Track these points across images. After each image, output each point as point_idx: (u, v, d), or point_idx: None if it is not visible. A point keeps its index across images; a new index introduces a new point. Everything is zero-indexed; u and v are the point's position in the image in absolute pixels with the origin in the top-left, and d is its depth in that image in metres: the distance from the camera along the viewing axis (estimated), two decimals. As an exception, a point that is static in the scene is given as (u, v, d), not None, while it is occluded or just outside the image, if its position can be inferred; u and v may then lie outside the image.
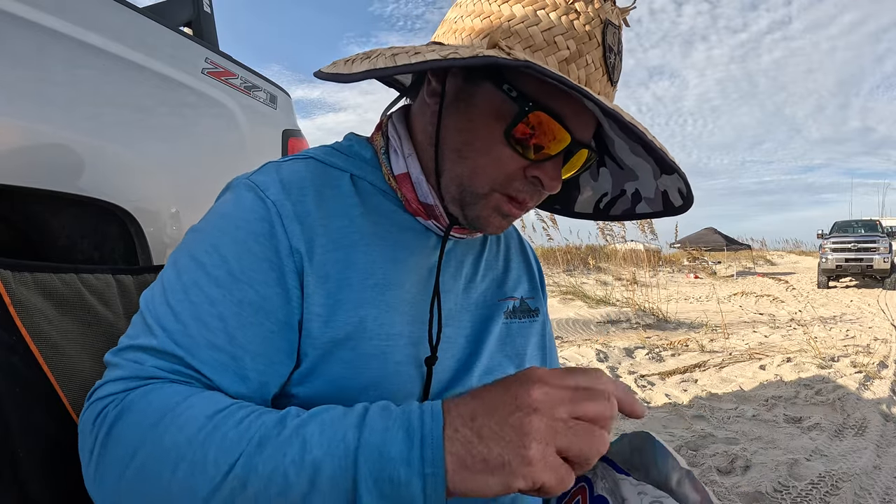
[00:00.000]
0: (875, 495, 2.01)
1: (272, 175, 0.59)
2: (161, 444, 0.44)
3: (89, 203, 0.98)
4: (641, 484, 0.56)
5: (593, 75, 0.56)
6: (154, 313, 0.52)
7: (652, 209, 0.74)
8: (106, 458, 0.45)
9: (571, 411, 0.44)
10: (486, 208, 0.60)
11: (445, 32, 0.61)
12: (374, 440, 0.43)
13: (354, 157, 0.65)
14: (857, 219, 14.99)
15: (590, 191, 0.79)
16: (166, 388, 0.48)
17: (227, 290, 0.53)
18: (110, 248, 1.06)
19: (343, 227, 0.59)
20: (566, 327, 5.99)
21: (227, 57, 1.37)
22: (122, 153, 1.04)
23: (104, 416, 0.47)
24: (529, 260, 0.82)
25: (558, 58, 0.54)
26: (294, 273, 0.55)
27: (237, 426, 0.45)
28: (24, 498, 0.54)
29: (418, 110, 0.65)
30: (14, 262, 0.63)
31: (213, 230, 0.56)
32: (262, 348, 0.53)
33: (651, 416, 2.91)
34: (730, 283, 12.97)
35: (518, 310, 0.74)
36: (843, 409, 3.01)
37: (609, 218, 0.80)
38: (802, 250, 32.77)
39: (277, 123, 1.56)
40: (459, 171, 0.59)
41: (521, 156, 0.57)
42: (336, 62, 0.58)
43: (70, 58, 0.94)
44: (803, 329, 5.52)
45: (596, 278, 11.02)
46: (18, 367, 0.57)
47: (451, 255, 0.68)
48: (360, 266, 0.58)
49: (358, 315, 0.56)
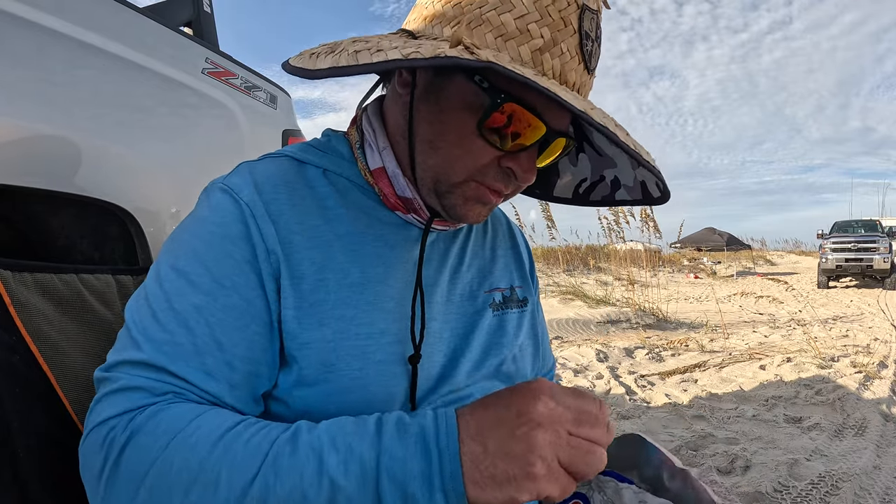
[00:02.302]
0: (875, 495, 2.01)
1: (245, 176, 0.59)
2: (171, 467, 0.44)
3: (89, 203, 0.98)
4: (643, 492, 0.56)
5: (568, 64, 0.54)
6: (140, 326, 0.52)
7: (631, 197, 0.73)
8: (117, 482, 0.45)
9: (574, 430, 0.45)
10: (462, 197, 0.59)
11: (416, 19, 0.59)
12: (394, 457, 0.44)
13: (330, 153, 0.64)
14: (857, 219, 14.98)
15: (569, 176, 0.78)
16: (173, 409, 0.47)
17: (211, 296, 0.52)
18: (110, 248, 1.06)
19: (318, 226, 0.58)
20: (566, 327, 5.98)
21: (227, 57, 1.37)
22: (122, 153, 1.04)
23: (111, 440, 0.46)
24: (518, 247, 0.81)
25: (531, 47, 0.52)
26: (270, 275, 0.54)
27: (246, 445, 0.45)
28: (24, 498, 0.54)
29: (391, 102, 0.63)
30: (14, 262, 0.63)
31: (191, 237, 0.56)
32: (249, 352, 0.53)
33: (651, 416, 2.91)
34: (730, 283, 12.97)
35: (507, 300, 0.72)
36: (843, 409, 3.01)
37: (588, 203, 0.78)
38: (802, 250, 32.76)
39: (277, 123, 1.56)
40: (433, 163, 0.58)
41: (495, 147, 0.56)
42: (303, 53, 0.57)
43: (70, 58, 0.94)
44: (803, 329, 5.52)
45: (596, 278, 11.02)
46: (18, 367, 0.57)
47: (434, 247, 0.67)
48: (337, 265, 0.57)
49: (334, 315, 0.56)
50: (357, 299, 0.57)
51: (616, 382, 3.54)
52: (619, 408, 3.04)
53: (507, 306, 0.72)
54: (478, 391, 0.64)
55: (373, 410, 0.54)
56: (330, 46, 0.55)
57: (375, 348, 0.57)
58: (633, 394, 3.35)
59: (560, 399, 0.45)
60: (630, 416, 2.92)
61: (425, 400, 0.60)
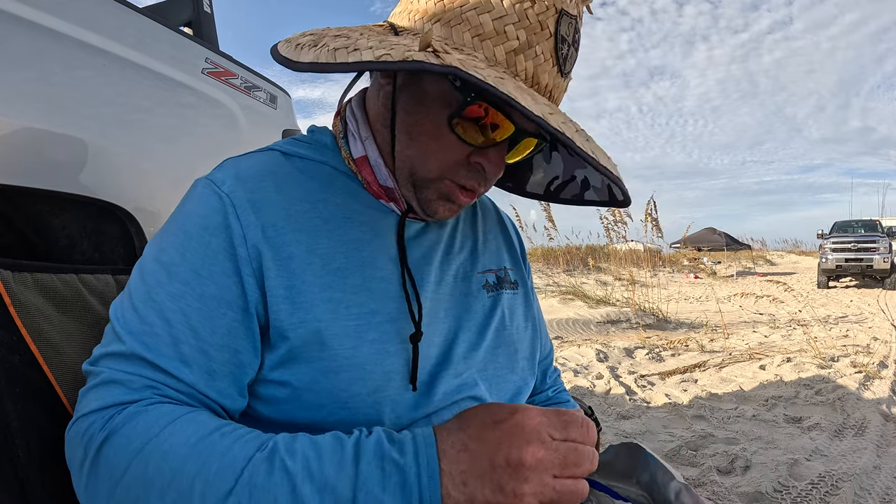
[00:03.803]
0: (875, 495, 2.01)
1: (229, 170, 0.60)
2: (146, 471, 0.46)
3: (89, 203, 0.98)
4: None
5: (542, 66, 0.56)
6: (122, 319, 0.53)
7: (598, 198, 0.75)
8: (96, 478, 0.47)
9: (560, 473, 0.46)
10: (436, 192, 0.61)
11: (401, 12, 0.60)
12: (370, 494, 0.44)
13: (315, 145, 0.66)
14: (857, 219, 14.98)
15: (542, 172, 0.80)
16: (150, 413, 0.49)
17: (188, 285, 0.53)
18: (110, 249, 1.06)
19: (306, 211, 0.59)
20: (566, 327, 5.98)
21: (227, 57, 1.37)
22: (122, 153, 1.04)
23: (90, 436, 0.48)
24: (508, 231, 0.82)
25: (506, 48, 0.54)
26: (248, 262, 0.55)
27: (221, 459, 0.45)
28: (24, 498, 0.54)
29: (373, 93, 0.65)
30: (14, 262, 0.63)
31: (174, 231, 0.57)
32: (226, 340, 0.54)
33: (651, 416, 2.91)
34: (730, 283, 12.96)
35: (501, 280, 0.74)
36: (843, 409, 3.01)
37: (559, 201, 0.80)
38: (802, 250, 32.75)
39: (277, 123, 1.56)
40: (410, 154, 0.60)
41: (464, 142, 0.57)
42: (290, 39, 0.58)
43: (70, 58, 0.94)
44: (803, 329, 5.51)
45: (596, 278, 11.01)
46: (18, 366, 0.57)
47: (424, 231, 0.68)
48: (324, 250, 0.58)
49: (323, 297, 0.56)
50: (342, 284, 0.58)
51: (616, 382, 3.54)
52: (619, 408, 3.04)
53: (501, 287, 0.73)
54: (476, 374, 0.65)
55: (369, 389, 0.55)
56: (313, 38, 0.56)
57: (367, 328, 0.58)
58: (633, 394, 3.35)
59: (549, 442, 0.46)
60: (630, 416, 2.92)
61: (430, 385, 0.61)
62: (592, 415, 0.85)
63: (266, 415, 0.58)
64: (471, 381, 0.64)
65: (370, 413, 0.56)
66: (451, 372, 0.63)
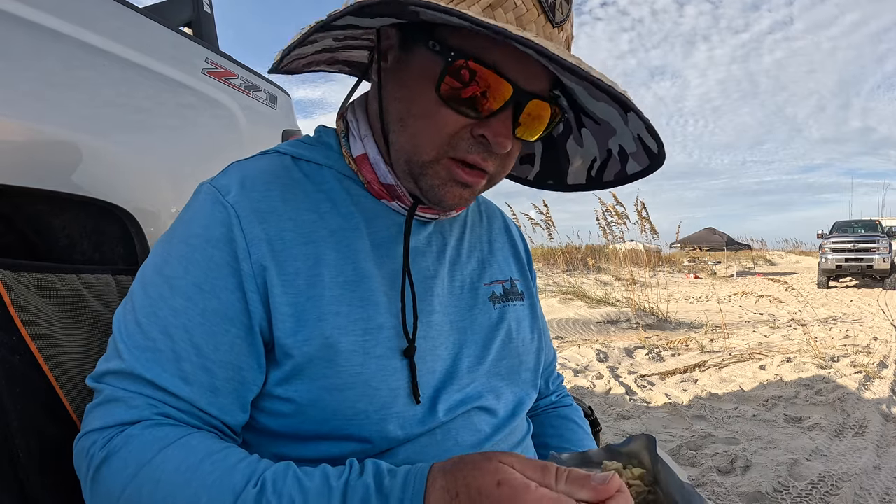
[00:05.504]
0: (875, 495, 2.01)
1: (234, 176, 0.59)
2: (140, 496, 0.47)
3: (89, 203, 0.98)
4: None
5: (525, 17, 0.52)
6: (124, 333, 0.53)
7: (640, 165, 0.68)
8: (98, 492, 0.49)
9: None
10: (437, 177, 0.58)
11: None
12: None
13: (320, 146, 0.65)
14: (857, 219, 14.98)
15: (579, 159, 0.76)
16: (146, 436, 0.49)
17: (191, 300, 0.53)
18: (110, 249, 1.06)
19: (312, 222, 0.58)
20: (566, 327, 5.98)
21: (227, 57, 1.37)
22: (122, 153, 1.04)
23: (91, 455, 0.50)
24: (515, 240, 0.81)
25: (482, 5, 0.50)
26: (252, 278, 0.54)
27: (209, 492, 0.46)
28: (24, 497, 0.54)
29: (371, 91, 0.65)
30: (14, 262, 0.63)
31: (177, 241, 0.56)
32: (229, 357, 0.53)
33: (651, 416, 2.91)
34: (730, 283, 12.96)
35: (508, 292, 0.72)
36: (843, 409, 3.01)
37: (602, 185, 0.75)
38: (802, 250, 32.75)
39: (277, 123, 1.56)
40: (403, 141, 0.58)
41: (462, 114, 0.54)
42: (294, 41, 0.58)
43: (70, 58, 0.94)
44: (803, 329, 5.51)
45: (596, 278, 11.01)
46: (18, 367, 0.57)
47: (433, 238, 0.67)
48: (331, 262, 0.57)
49: (331, 311, 0.55)
50: (351, 296, 0.57)
51: (616, 382, 3.54)
52: (619, 408, 3.04)
53: (508, 299, 0.72)
54: (480, 386, 0.64)
55: (376, 406, 0.54)
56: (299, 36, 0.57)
57: (374, 343, 0.56)
58: (633, 394, 3.35)
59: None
60: (630, 416, 2.92)
61: (436, 399, 0.60)
62: (592, 415, 0.85)
63: (271, 427, 0.57)
64: (475, 393, 0.63)
65: (377, 428, 0.56)
66: (456, 386, 0.62)
